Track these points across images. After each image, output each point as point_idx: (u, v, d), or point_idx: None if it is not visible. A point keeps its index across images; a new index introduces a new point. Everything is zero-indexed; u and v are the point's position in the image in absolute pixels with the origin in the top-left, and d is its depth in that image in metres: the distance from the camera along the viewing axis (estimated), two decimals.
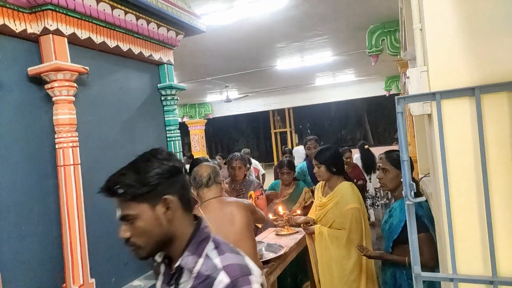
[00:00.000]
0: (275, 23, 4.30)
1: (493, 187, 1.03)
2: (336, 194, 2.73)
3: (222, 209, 2.03)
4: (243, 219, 2.00)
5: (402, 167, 1.11)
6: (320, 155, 2.80)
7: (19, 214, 1.90)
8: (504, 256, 1.03)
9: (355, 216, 2.62)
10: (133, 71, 2.68)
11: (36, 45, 2.02)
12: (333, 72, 8.50)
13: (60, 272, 2.03)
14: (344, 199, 2.67)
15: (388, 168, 2.16)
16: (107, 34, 2.33)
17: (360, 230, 2.63)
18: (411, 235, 1.10)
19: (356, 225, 2.62)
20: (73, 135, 2.05)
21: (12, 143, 1.90)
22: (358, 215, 2.64)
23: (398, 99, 1.10)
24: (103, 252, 2.27)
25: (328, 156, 2.78)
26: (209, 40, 4.57)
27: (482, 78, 1.04)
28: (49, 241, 2.02)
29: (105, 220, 2.31)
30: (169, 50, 2.96)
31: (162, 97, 2.92)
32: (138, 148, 2.65)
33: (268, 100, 11.94)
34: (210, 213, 2.02)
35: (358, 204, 2.66)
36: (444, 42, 1.08)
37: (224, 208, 2.03)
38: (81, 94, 2.17)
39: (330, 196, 2.76)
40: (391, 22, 4.62)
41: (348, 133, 29.99)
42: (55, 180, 2.04)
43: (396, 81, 9.67)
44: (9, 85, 1.90)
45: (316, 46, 5.70)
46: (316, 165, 2.80)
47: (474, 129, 1.03)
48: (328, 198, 2.76)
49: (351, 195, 2.68)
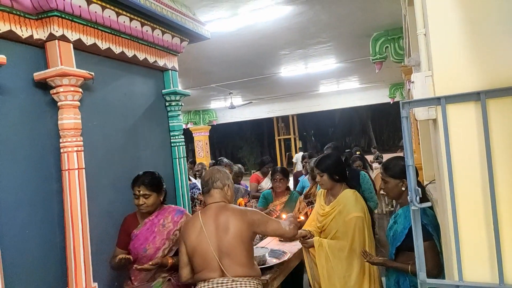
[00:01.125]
0: (278, 30, 4.32)
1: (500, 192, 1.02)
2: (339, 203, 2.68)
3: (218, 216, 2.01)
4: (237, 227, 1.97)
5: (407, 172, 1.10)
6: (322, 163, 2.75)
7: (23, 217, 1.90)
8: (511, 263, 1.01)
9: (358, 226, 2.57)
10: (138, 77, 2.69)
11: (42, 51, 2.04)
12: (337, 79, 8.51)
13: (63, 275, 2.03)
14: (347, 208, 2.62)
15: (387, 179, 2.17)
16: (112, 40, 2.35)
17: (362, 240, 2.58)
18: (417, 240, 1.09)
19: (358, 234, 2.56)
20: (78, 140, 2.06)
21: (17, 146, 1.91)
22: (361, 225, 2.58)
23: (403, 103, 1.10)
24: (107, 257, 2.26)
25: (330, 164, 2.73)
26: (213, 47, 4.59)
27: (487, 82, 1.03)
28: (52, 245, 2.02)
29: (108, 224, 2.32)
30: (174, 57, 2.98)
31: (167, 102, 2.93)
32: (142, 153, 2.67)
33: (272, 107, 11.96)
34: (207, 218, 2.01)
35: (361, 212, 2.61)
36: (448, 47, 1.08)
37: (220, 215, 2.01)
38: (86, 99, 2.18)
39: (333, 204, 2.71)
40: (394, 29, 4.63)
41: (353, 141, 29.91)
42: (59, 184, 2.04)
43: (400, 88, 9.66)
44: (15, 90, 1.92)
45: (320, 53, 5.71)
46: (318, 173, 2.76)
47: (479, 134, 1.02)
48: (331, 206, 2.71)
49: (354, 203, 2.63)
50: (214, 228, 1.99)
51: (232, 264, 1.96)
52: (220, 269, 1.95)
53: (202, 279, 1.98)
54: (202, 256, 1.97)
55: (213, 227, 1.99)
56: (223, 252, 1.96)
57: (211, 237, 1.97)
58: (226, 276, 1.94)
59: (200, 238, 1.99)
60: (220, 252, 1.96)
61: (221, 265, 1.94)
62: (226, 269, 1.95)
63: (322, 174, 2.73)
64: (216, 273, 1.96)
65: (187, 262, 2.05)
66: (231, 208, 2.07)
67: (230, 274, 1.94)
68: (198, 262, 2.00)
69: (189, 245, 2.02)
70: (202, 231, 1.99)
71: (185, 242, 2.04)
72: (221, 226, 1.99)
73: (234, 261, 1.96)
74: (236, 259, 1.96)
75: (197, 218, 2.04)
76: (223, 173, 2.15)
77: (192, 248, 2.00)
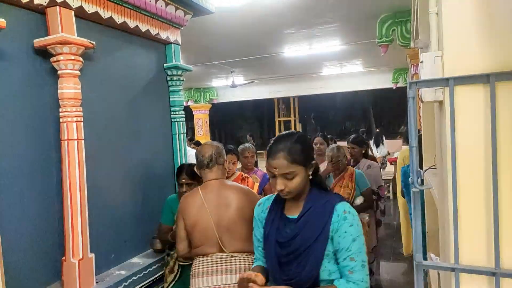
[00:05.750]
0: (285, 7, 4.23)
1: (502, 178, 1.01)
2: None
3: (220, 191, 2.01)
4: (239, 204, 1.98)
5: (410, 153, 1.09)
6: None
7: (21, 186, 1.90)
8: (508, 248, 1.02)
9: None
10: (140, 48, 2.65)
11: (43, 17, 1.99)
12: (340, 61, 8.41)
13: (60, 245, 2.04)
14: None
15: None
16: (114, 9, 2.29)
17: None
18: (415, 221, 1.09)
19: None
20: (78, 110, 2.03)
21: (16, 115, 1.89)
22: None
23: (411, 83, 1.07)
24: (104, 228, 2.28)
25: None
26: (217, 22, 4.51)
27: (497, 65, 1.01)
28: (50, 214, 2.03)
29: (106, 196, 2.32)
30: (177, 30, 2.92)
31: (168, 77, 2.89)
32: (142, 126, 2.65)
33: (273, 87, 11.86)
34: (208, 194, 2.01)
35: None
36: (460, 27, 1.05)
37: (223, 191, 2.02)
38: (86, 69, 2.14)
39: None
40: (402, 12, 4.53)
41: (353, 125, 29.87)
42: (58, 154, 2.03)
43: (404, 73, 9.57)
44: (14, 56, 1.89)
45: (325, 34, 5.62)
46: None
47: (486, 117, 1.00)
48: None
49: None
50: (216, 203, 1.99)
51: (231, 240, 1.97)
52: (219, 245, 1.96)
53: (200, 254, 2.00)
54: (202, 231, 1.98)
55: (215, 203, 1.99)
56: (223, 227, 1.97)
57: (212, 212, 1.98)
58: (224, 252, 1.96)
59: (201, 214, 1.99)
60: (220, 227, 1.97)
61: (220, 241, 1.96)
62: (225, 245, 1.96)
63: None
64: (214, 248, 1.97)
65: (184, 236, 2.06)
66: (234, 186, 2.08)
67: (228, 250, 1.96)
68: (197, 237, 2.01)
69: (189, 220, 2.02)
70: (203, 206, 1.99)
71: (184, 217, 2.04)
72: (223, 202, 1.99)
73: (234, 236, 1.97)
74: (236, 234, 1.97)
75: (197, 193, 2.04)
76: (221, 148, 2.15)
77: (192, 223, 2.00)
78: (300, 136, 1.49)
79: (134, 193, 2.55)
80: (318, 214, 1.44)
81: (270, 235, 1.52)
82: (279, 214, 1.54)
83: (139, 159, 2.59)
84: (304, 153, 1.44)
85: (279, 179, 1.42)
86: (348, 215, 1.42)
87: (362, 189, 3.39)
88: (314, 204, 1.46)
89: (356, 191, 3.34)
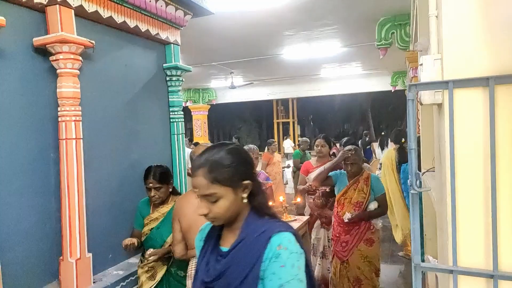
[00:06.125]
0: (284, 9, 4.23)
1: (501, 181, 1.01)
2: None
3: None
4: None
5: (409, 155, 1.09)
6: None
7: (19, 185, 1.89)
8: (506, 251, 1.02)
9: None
10: (139, 48, 2.65)
11: (43, 16, 1.99)
12: (339, 64, 8.42)
13: (57, 244, 2.03)
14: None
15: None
16: (114, 8, 2.29)
17: None
18: (414, 224, 1.09)
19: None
20: (76, 109, 2.03)
21: (15, 113, 1.89)
22: None
23: (410, 86, 1.07)
24: (102, 228, 2.27)
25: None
26: (217, 23, 4.51)
27: (497, 68, 1.01)
28: (48, 213, 2.02)
29: (104, 196, 2.32)
30: (176, 30, 2.92)
31: (167, 77, 2.89)
32: (141, 127, 2.65)
33: (272, 89, 11.87)
34: None
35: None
36: (460, 30, 1.05)
37: None
38: (85, 68, 2.14)
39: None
40: (402, 15, 4.55)
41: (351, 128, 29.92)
42: (57, 153, 2.03)
43: (403, 76, 9.58)
44: (14, 54, 1.88)
45: (325, 36, 5.63)
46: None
47: (485, 120, 1.01)
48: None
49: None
50: None
51: None
52: None
53: (196, 255, 1.99)
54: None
55: None
56: None
57: None
58: None
59: (196, 215, 1.98)
60: None
61: None
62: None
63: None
64: None
65: (181, 239, 2.05)
66: None
67: None
68: (193, 238, 2.00)
69: (185, 222, 2.01)
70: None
71: (179, 219, 2.04)
72: None
73: None
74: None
75: (192, 195, 2.04)
76: None
77: (188, 224, 2.00)
78: (232, 149, 1.19)
79: (132, 193, 2.54)
80: (249, 247, 1.14)
81: (199, 272, 1.24)
82: (213, 244, 1.26)
83: (138, 158, 2.59)
84: (232, 171, 1.15)
85: (202, 202, 1.18)
86: (282, 252, 1.09)
87: (377, 194, 3.21)
88: (248, 235, 1.16)
89: (371, 196, 3.19)
